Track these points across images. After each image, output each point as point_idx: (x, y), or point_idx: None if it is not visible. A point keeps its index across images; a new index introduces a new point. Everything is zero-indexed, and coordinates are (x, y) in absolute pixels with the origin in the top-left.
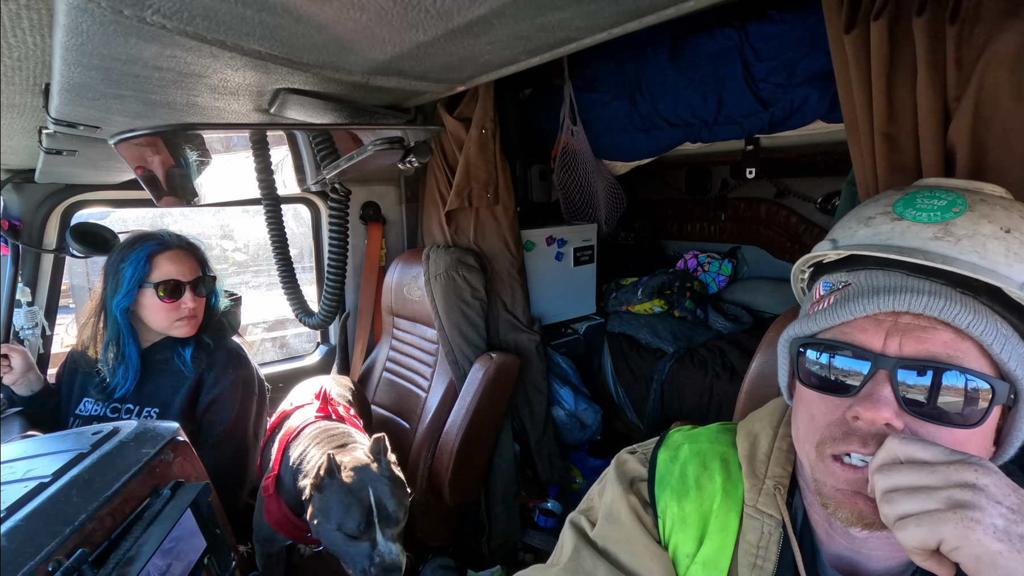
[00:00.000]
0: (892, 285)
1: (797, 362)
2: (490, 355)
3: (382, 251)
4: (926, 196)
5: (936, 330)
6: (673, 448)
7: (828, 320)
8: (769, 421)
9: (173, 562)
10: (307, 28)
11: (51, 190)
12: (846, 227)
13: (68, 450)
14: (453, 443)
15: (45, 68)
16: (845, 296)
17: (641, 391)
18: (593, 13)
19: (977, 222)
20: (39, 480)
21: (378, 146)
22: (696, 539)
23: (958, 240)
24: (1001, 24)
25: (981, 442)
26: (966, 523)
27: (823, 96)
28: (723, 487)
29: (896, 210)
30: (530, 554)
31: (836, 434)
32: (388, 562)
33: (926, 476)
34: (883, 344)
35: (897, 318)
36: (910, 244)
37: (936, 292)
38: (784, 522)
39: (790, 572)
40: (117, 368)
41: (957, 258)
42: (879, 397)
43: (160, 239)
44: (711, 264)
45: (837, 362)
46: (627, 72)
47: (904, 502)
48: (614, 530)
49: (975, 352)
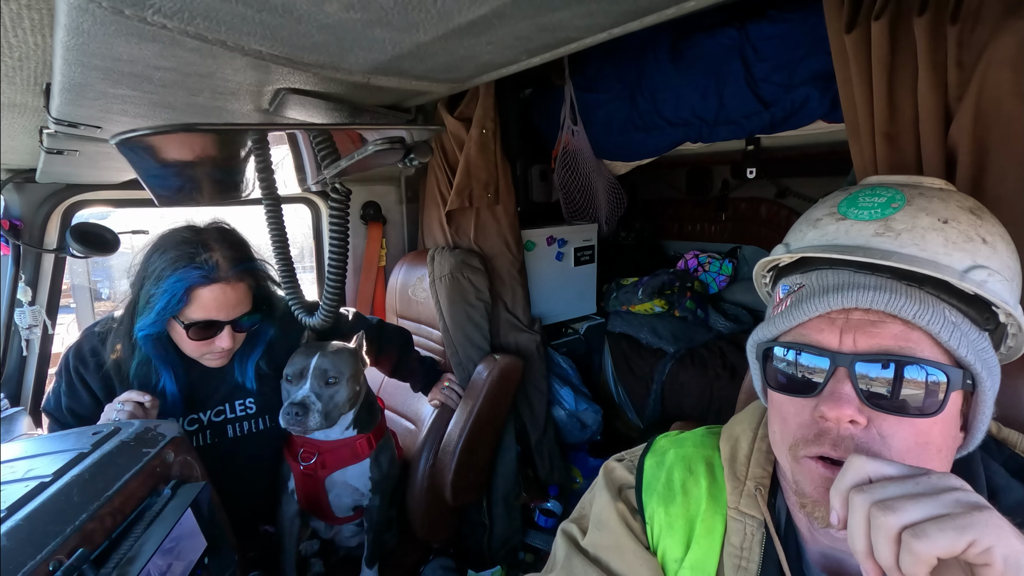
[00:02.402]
0: (840, 283)
1: (764, 366)
2: (494, 357)
3: (382, 251)
4: (867, 194)
5: (886, 324)
6: (659, 454)
7: (786, 322)
8: (749, 423)
9: (173, 562)
10: (308, 28)
11: (52, 190)
12: (798, 231)
13: (69, 449)
14: (456, 444)
15: (46, 68)
16: (799, 298)
17: (642, 391)
18: (593, 13)
19: (915, 215)
20: (40, 479)
21: (379, 146)
22: (683, 543)
23: (898, 235)
24: (1002, 24)
25: (945, 430)
26: (997, 521)
27: (824, 96)
28: (709, 491)
29: (840, 210)
30: (530, 554)
31: (808, 435)
32: (295, 399)
33: (910, 485)
34: (839, 342)
35: (848, 315)
36: (854, 242)
37: (881, 287)
38: (766, 522)
39: (775, 572)
40: (155, 388)
41: (898, 252)
42: (840, 394)
43: (206, 270)
44: (711, 264)
45: (799, 362)
46: (628, 72)
47: (911, 509)
48: (604, 537)
49: (927, 342)
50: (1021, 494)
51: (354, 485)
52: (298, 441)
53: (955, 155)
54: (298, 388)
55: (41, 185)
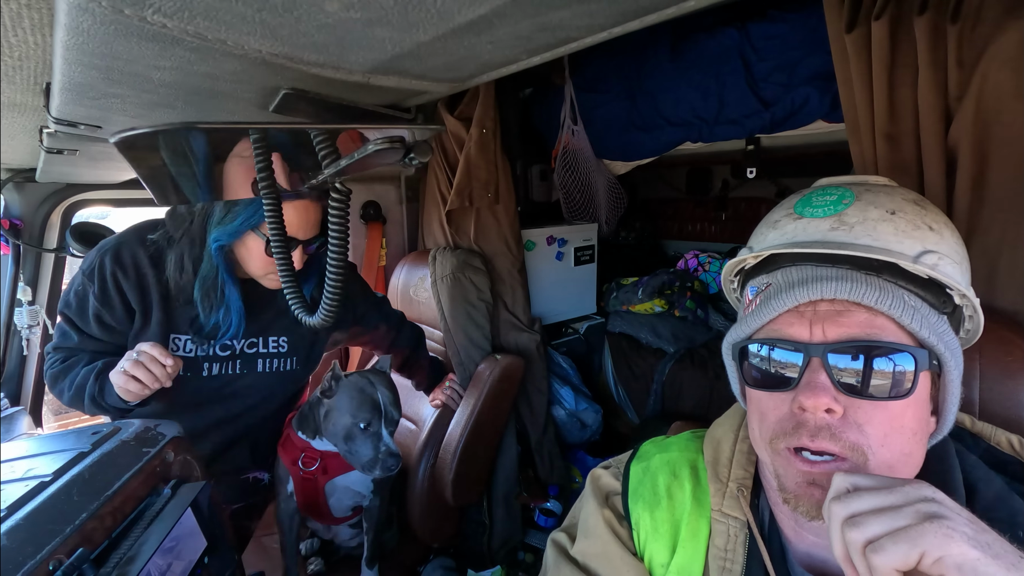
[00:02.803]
0: (804, 277)
1: (740, 365)
2: (495, 357)
3: (382, 251)
4: (820, 194)
5: (851, 312)
6: (645, 459)
7: (757, 320)
8: (730, 425)
9: (173, 561)
10: (308, 27)
11: (52, 189)
12: (759, 233)
13: (69, 449)
14: (456, 444)
15: (46, 67)
16: (767, 295)
17: (641, 391)
18: (593, 13)
19: (865, 209)
20: (40, 479)
21: (379, 145)
22: (669, 548)
23: (851, 228)
24: (1002, 24)
25: (917, 413)
26: (945, 531)
27: (824, 96)
28: (693, 494)
29: (796, 210)
30: (530, 554)
31: (787, 428)
32: (393, 450)
33: (885, 496)
34: (809, 333)
35: (816, 307)
36: (811, 237)
37: (842, 277)
38: (749, 523)
39: (760, 572)
40: (215, 311)
41: (853, 243)
42: (816, 384)
43: None
44: (712, 264)
45: (774, 357)
46: (628, 72)
47: (872, 524)
48: (591, 545)
49: (891, 327)
50: (1000, 485)
51: (356, 489)
52: (298, 445)
53: (955, 154)
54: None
55: (41, 185)
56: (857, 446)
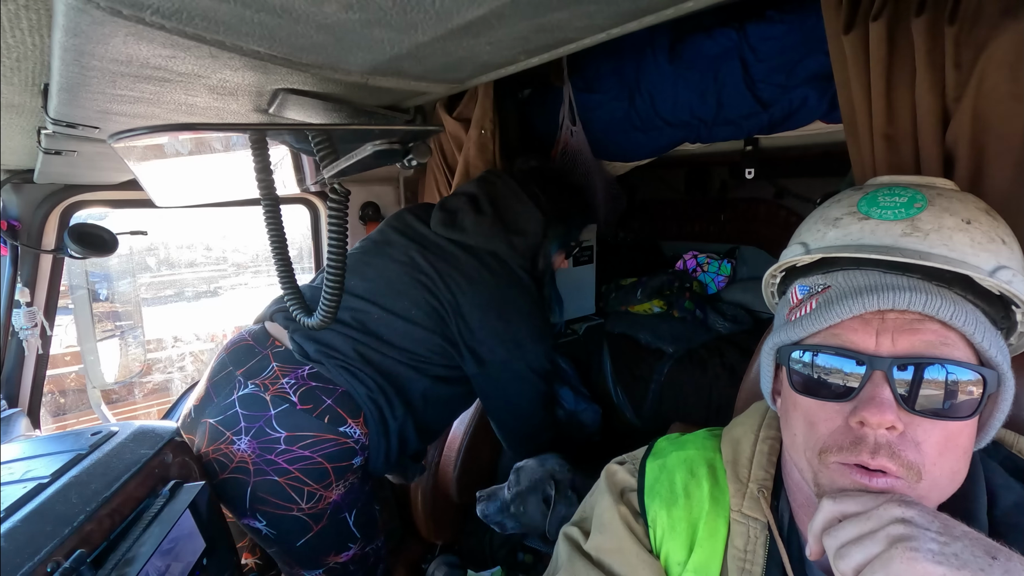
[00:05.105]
0: (873, 284)
1: (789, 369)
2: None
3: None
4: (886, 194)
5: (923, 325)
6: (661, 456)
7: (815, 324)
8: (750, 425)
9: (172, 563)
10: (306, 28)
11: (50, 190)
12: (815, 230)
13: (67, 450)
14: (461, 441)
15: (44, 68)
16: (828, 299)
17: (640, 392)
18: (592, 13)
19: (940, 216)
20: (38, 481)
21: (378, 146)
22: (686, 546)
23: (926, 235)
24: (1000, 25)
25: (971, 432)
26: (909, 554)
27: (822, 96)
28: (711, 493)
29: (861, 209)
30: (530, 555)
31: (843, 443)
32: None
33: (863, 523)
34: (875, 344)
35: (883, 316)
36: (882, 242)
37: (916, 287)
38: (769, 524)
39: (778, 574)
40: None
41: (929, 252)
42: (881, 400)
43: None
44: (710, 264)
45: (831, 366)
46: (626, 72)
47: (854, 554)
48: (606, 540)
49: (961, 343)
50: (1019, 493)
51: None
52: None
53: (953, 155)
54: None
55: (39, 186)
56: (913, 465)
